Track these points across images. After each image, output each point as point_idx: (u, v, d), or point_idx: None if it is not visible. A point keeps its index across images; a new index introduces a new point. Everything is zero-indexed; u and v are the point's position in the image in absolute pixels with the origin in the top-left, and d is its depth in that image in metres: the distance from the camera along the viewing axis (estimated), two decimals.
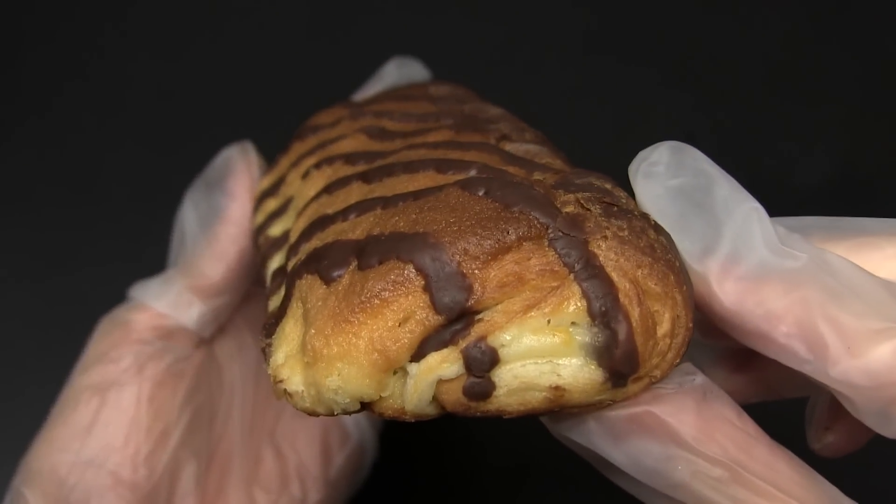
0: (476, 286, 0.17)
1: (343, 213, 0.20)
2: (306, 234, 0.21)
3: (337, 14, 0.52)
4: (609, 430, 0.18)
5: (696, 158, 0.19)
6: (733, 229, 0.18)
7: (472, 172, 0.19)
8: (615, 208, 0.18)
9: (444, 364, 0.17)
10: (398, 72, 0.33)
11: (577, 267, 0.17)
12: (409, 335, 0.17)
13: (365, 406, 0.18)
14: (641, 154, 0.19)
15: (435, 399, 0.18)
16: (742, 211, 0.18)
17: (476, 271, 0.17)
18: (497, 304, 0.17)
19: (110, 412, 0.27)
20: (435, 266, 0.17)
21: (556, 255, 0.17)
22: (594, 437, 0.18)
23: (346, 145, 0.25)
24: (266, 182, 0.29)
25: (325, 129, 0.28)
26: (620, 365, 0.17)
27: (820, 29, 0.50)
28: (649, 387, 0.18)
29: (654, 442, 0.17)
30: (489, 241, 0.17)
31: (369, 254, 0.17)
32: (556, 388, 0.17)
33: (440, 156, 0.21)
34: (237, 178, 0.29)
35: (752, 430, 0.18)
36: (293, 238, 0.22)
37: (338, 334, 0.17)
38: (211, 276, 0.29)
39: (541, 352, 0.17)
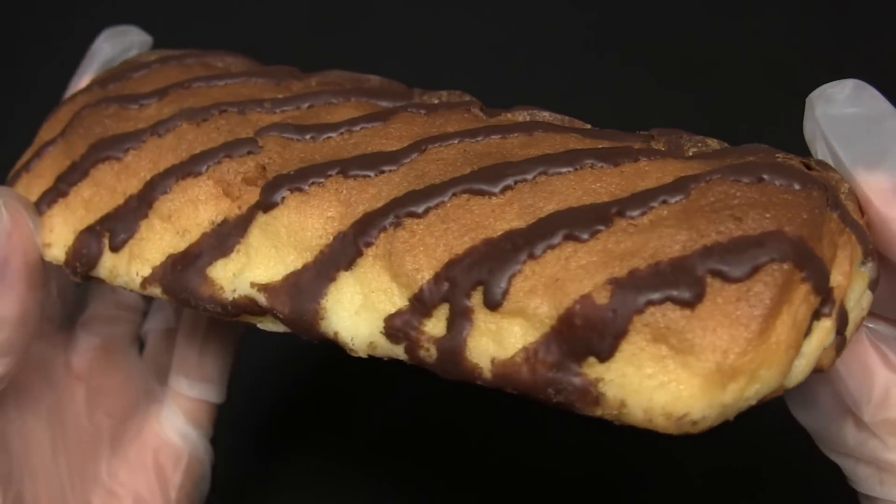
0: (825, 261, 0.20)
1: (569, 233, 0.20)
2: (495, 264, 0.20)
3: (338, 13, 0.52)
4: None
5: (875, 96, 0.22)
6: None
7: (645, 158, 0.22)
8: (812, 162, 0.22)
9: (830, 335, 0.20)
10: (111, 44, 0.30)
11: (846, 221, 0.21)
12: (804, 322, 0.19)
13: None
14: (825, 85, 0.22)
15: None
16: None
17: (821, 248, 0.20)
18: (830, 269, 0.20)
19: None
20: (804, 256, 0.19)
21: (837, 216, 0.20)
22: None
23: (279, 155, 0.23)
24: (79, 222, 0.25)
25: (148, 136, 0.25)
26: (877, 286, 0.21)
27: (821, 28, 0.50)
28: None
29: (878, 368, 0.22)
30: (818, 222, 0.20)
31: (733, 264, 0.19)
32: (862, 318, 0.21)
33: (563, 145, 0.23)
34: (7, 241, 0.25)
35: None
36: (423, 276, 0.21)
37: (755, 347, 0.19)
38: None
39: (860, 294, 0.21)
